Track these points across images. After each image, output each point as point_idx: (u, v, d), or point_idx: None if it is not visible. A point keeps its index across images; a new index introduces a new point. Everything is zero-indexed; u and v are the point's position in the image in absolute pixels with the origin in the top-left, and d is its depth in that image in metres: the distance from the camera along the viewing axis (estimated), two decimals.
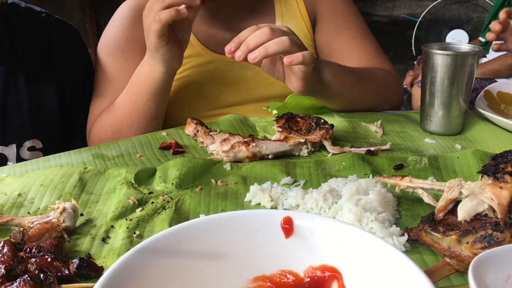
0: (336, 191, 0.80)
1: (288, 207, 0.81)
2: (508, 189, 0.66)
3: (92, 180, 0.90)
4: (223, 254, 0.54)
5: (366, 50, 1.30)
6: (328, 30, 1.26)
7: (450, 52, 1.05)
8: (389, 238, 0.70)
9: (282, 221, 0.55)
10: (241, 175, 0.92)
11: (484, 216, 0.68)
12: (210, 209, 0.82)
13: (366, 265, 0.51)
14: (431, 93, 1.08)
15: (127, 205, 0.82)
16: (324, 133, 0.99)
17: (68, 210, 0.75)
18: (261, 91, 1.28)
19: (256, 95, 1.28)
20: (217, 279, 0.54)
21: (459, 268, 0.63)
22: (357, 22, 1.33)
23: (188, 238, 0.53)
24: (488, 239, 0.61)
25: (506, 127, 1.11)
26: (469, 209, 0.68)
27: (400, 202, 0.82)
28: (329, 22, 1.29)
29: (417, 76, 2.94)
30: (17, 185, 0.88)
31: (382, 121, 1.14)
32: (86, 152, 1.04)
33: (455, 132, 1.11)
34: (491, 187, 0.66)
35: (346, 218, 0.73)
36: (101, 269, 0.66)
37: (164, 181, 0.89)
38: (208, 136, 1.03)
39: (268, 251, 0.55)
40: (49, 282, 0.59)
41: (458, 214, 0.69)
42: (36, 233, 0.71)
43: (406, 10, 6.12)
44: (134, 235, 0.74)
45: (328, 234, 0.54)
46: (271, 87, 1.27)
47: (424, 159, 0.95)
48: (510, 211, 0.68)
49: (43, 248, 0.67)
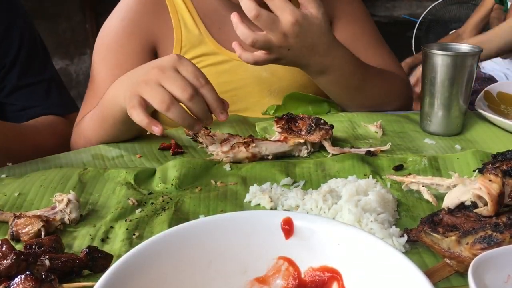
0: (335, 192, 0.80)
1: (287, 208, 0.80)
2: (497, 182, 0.66)
3: (92, 181, 0.90)
4: (223, 255, 0.54)
5: (382, 57, 1.30)
6: (345, 36, 1.24)
7: (450, 52, 1.05)
8: (388, 239, 0.70)
9: (282, 222, 0.54)
10: (241, 175, 0.92)
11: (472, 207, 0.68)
12: (209, 210, 0.82)
13: (366, 266, 0.51)
14: (431, 93, 1.08)
15: (127, 206, 0.82)
16: (323, 134, 0.99)
17: (73, 201, 0.77)
18: (263, 99, 1.26)
19: (258, 102, 1.25)
20: (218, 280, 0.54)
21: (459, 269, 0.63)
22: (373, 29, 1.34)
23: (188, 239, 0.53)
24: (487, 240, 0.61)
25: (506, 128, 1.11)
26: (454, 197, 0.70)
27: (400, 203, 0.82)
28: (346, 28, 1.27)
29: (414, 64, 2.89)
30: (16, 186, 0.88)
31: (382, 121, 1.14)
32: (86, 153, 1.04)
33: (455, 132, 1.11)
34: (481, 179, 0.68)
35: (346, 218, 0.73)
36: (111, 257, 0.66)
37: (163, 182, 0.89)
38: (208, 136, 1.03)
39: (268, 252, 0.55)
40: (50, 279, 0.59)
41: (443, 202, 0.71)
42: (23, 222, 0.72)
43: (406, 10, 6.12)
44: (134, 236, 0.74)
45: (329, 235, 0.54)
46: (274, 94, 1.25)
47: (424, 160, 0.95)
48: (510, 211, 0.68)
49: (43, 244, 0.67)
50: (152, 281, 0.50)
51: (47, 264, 0.62)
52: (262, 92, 1.26)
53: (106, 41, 1.21)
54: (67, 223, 0.77)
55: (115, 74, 1.16)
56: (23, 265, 0.61)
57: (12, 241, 0.72)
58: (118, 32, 1.20)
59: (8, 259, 0.61)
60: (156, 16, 1.21)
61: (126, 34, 1.19)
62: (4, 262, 0.61)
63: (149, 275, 0.50)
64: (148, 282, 0.50)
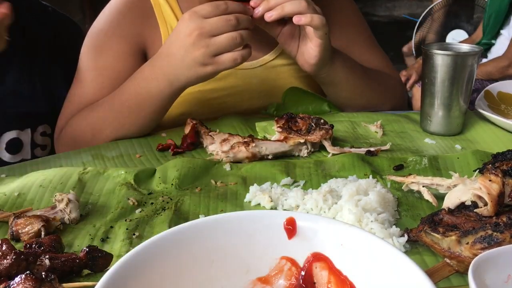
0: (336, 192, 0.80)
1: (288, 208, 0.80)
2: (497, 182, 0.66)
3: (92, 180, 0.90)
4: (226, 255, 0.54)
5: (376, 58, 1.32)
6: (341, 41, 1.26)
7: (450, 52, 1.05)
8: (389, 238, 0.70)
9: (285, 222, 0.54)
10: (241, 175, 0.92)
11: (472, 207, 0.68)
12: (209, 210, 0.82)
13: (368, 266, 0.51)
14: (431, 93, 1.08)
15: (127, 206, 0.82)
16: (324, 134, 0.99)
17: (73, 200, 0.77)
18: (265, 101, 1.26)
19: (260, 105, 1.26)
20: (220, 280, 0.54)
21: (459, 268, 0.63)
22: (366, 31, 1.36)
23: (190, 239, 0.53)
24: (488, 240, 0.61)
25: (506, 128, 1.11)
26: (454, 197, 0.70)
27: (400, 202, 0.82)
28: (341, 33, 1.28)
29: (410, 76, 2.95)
30: (16, 186, 0.88)
31: (382, 121, 1.14)
32: (86, 153, 1.04)
33: (455, 132, 1.11)
34: (482, 179, 0.68)
35: (346, 218, 0.73)
36: (111, 256, 0.67)
37: (163, 181, 0.89)
38: (208, 136, 1.03)
39: (271, 252, 0.55)
40: (50, 279, 0.59)
41: (444, 202, 0.71)
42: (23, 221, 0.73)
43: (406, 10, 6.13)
44: (134, 236, 0.74)
45: (331, 235, 0.54)
46: (275, 97, 1.25)
47: (424, 160, 0.95)
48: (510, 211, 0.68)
49: (43, 244, 0.67)
50: (154, 281, 0.50)
51: (47, 264, 0.62)
52: (252, 99, 1.26)
53: (95, 44, 1.20)
54: (67, 222, 0.77)
55: (103, 75, 1.16)
56: (23, 265, 0.61)
57: (12, 240, 0.72)
58: (107, 35, 1.19)
59: (8, 259, 0.61)
60: (144, 21, 1.21)
61: (115, 36, 1.19)
62: (4, 261, 0.61)
63: (150, 275, 0.50)
64: (149, 282, 0.50)
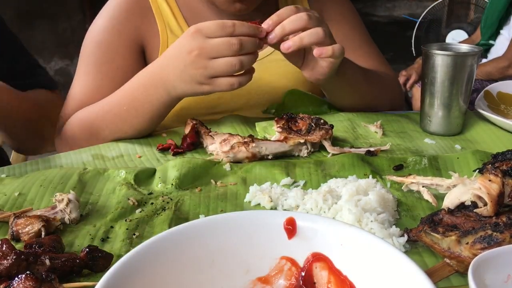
0: (335, 192, 0.80)
1: (287, 208, 0.80)
2: (497, 182, 0.66)
3: (92, 180, 0.90)
4: (226, 255, 0.54)
5: (371, 57, 1.33)
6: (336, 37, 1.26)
7: (450, 52, 1.05)
8: (388, 238, 0.70)
9: (285, 222, 0.54)
10: (241, 175, 0.92)
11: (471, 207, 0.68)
12: (209, 210, 0.82)
13: (368, 266, 0.51)
14: (431, 93, 1.08)
15: (127, 206, 0.82)
16: (323, 134, 0.99)
17: (73, 201, 0.77)
18: (262, 96, 1.27)
19: (257, 101, 1.27)
20: (220, 280, 0.54)
21: (459, 268, 0.63)
22: (362, 30, 1.36)
23: (190, 238, 0.53)
24: (487, 240, 0.61)
25: (506, 128, 1.11)
26: (453, 197, 0.70)
27: (400, 202, 0.82)
28: (336, 29, 1.28)
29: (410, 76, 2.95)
30: (16, 186, 0.88)
31: (382, 121, 1.14)
32: (86, 153, 1.04)
33: (455, 132, 1.11)
34: (481, 179, 0.68)
35: (346, 218, 0.73)
36: (111, 256, 0.67)
37: (163, 181, 0.89)
38: (208, 136, 1.03)
39: (271, 252, 0.55)
40: (50, 279, 0.59)
41: (443, 202, 0.71)
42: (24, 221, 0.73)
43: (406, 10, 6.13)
44: (134, 236, 0.74)
45: (331, 236, 0.54)
46: (273, 92, 1.26)
47: (424, 160, 0.95)
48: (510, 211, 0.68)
49: (43, 244, 0.67)
50: (154, 281, 0.50)
51: (47, 264, 0.62)
52: (250, 94, 1.26)
53: (95, 39, 1.21)
54: (67, 223, 0.77)
55: (102, 71, 1.17)
56: (23, 265, 0.61)
57: (12, 241, 0.72)
58: (107, 30, 1.20)
59: (9, 259, 0.61)
60: (142, 18, 1.22)
61: (114, 32, 1.20)
62: (4, 262, 0.61)
63: (150, 275, 0.50)
64: (150, 282, 0.50)
